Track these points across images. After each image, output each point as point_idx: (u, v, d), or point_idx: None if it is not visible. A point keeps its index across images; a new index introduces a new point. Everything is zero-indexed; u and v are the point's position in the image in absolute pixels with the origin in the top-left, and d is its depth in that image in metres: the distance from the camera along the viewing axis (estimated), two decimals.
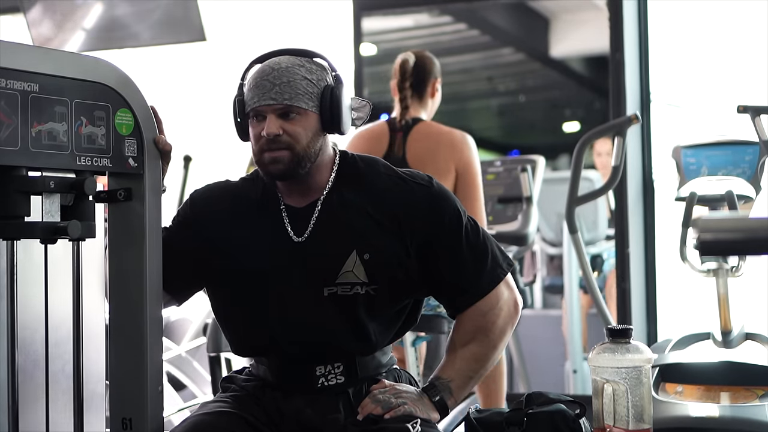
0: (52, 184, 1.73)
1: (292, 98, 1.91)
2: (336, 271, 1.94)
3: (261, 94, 1.92)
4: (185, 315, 4.67)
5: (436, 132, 3.29)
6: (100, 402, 2.05)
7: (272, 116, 1.92)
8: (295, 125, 1.92)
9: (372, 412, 1.93)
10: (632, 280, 4.03)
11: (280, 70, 1.93)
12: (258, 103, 1.93)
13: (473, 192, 3.23)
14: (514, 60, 8.04)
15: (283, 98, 1.91)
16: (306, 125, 1.93)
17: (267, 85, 1.92)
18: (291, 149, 1.92)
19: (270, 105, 1.92)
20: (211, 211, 2.04)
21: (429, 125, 3.32)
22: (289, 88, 1.91)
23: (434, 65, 3.37)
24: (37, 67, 1.68)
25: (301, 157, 1.93)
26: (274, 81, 1.92)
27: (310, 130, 1.94)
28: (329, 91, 1.95)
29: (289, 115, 1.92)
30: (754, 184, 2.84)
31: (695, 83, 4.30)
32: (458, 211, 2.01)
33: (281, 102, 1.91)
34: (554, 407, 1.96)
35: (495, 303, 2.01)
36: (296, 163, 1.93)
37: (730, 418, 2.53)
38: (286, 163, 1.92)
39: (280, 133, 1.91)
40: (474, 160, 3.25)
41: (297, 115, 1.92)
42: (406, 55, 3.36)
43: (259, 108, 1.93)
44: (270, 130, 1.91)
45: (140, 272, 1.85)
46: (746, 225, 1.34)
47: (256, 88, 1.93)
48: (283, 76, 1.92)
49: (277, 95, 1.91)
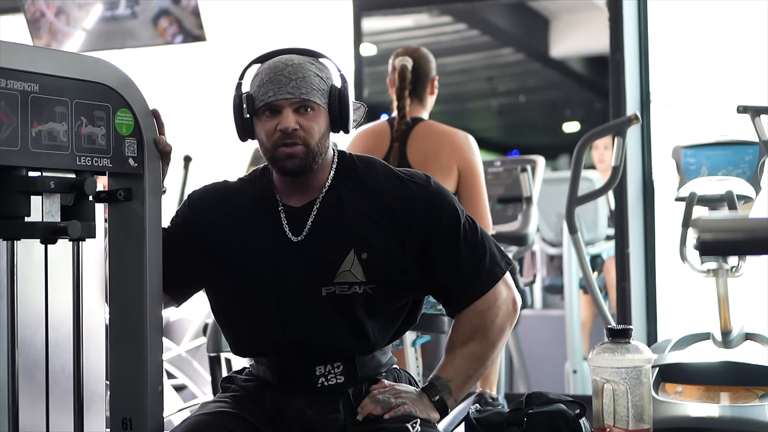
0: (52, 184, 1.73)
1: (308, 93, 1.93)
2: (334, 271, 1.95)
3: (277, 88, 1.92)
4: (185, 315, 4.67)
5: (438, 132, 3.28)
6: (100, 402, 2.05)
7: (288, 110, 1.93)
8: (309, 120, 1.94)
9: (372, 412, 1.93)
10: (632, 280, 4.03)
11: (294, 66, 1.94)
12: (274, 97, 1.93)
13: (476, 192, 3.23)
14: (514, 60, 8.04)
15: (300, 92, 1.92)
16: (319, 121, 1.95)
17: (283, 79, 1.92)
18: (306, 144, 1.93)
19: (287, 99, 1.92)
20: (209, 212, 2.04)
21: (430, 125, 3.31)
22: (305, 83, 1.93)
23: (430, 63, 3.36)
24: (37, 67, 1.68)
25: (315, 152, 1.95)
26: (290, 76, 1.92)
27: (323, 126, 1.96)
28: (337, 90, 1.96)
29: (305, 110, 1.93)
30: (754, 184, 2.84)
31: (695, 83, 4.30)
32: (456, 211, 2.01)
33: (298, 96, 1.92)
34: (554, 407, 1.96)
35: (493, 302, 2.01)
36: (311, 159, 1.94)
37: (730, 418, 2.52)
38: (302, 158, 1.93)
39: (297, 127, 1.92)
40: (476, 160, 3.25)
41: (311, 111, 1.94)
42: (404, 59, 3.31)
43: (275, 102, 1.93)
44: (288, 124, 1.92)
45: (140, 272, 1.85)
46: (746, 225, 1.33)
47: (270, 83, 1.93)
48: (298, 72, 1.93)
49: (294, 89, 1.92)
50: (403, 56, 3.33)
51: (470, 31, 7.24)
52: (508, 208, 3.93)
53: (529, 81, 8.76)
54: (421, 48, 3.40)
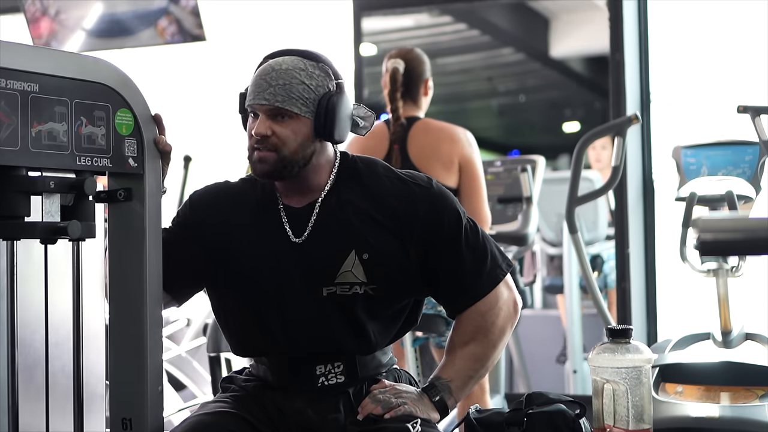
0: (52, 184, 1.72)
1: (284, 101, 1.90)
2: (335, 271, 1.94)
3: (256, 92, 1.92)
4: (185, 315, 4.67)
5: (436, 128, 3.30)
6: (100, 402, 2.05)
7: (263, 116, 1.92)
8: (284, 128, 1.92)
9: (372, 412, 1.93)
10: (632, 280, 4.03)
11: (279, 71, 1.93)
12: (252, 101, 1.93)
13: (476, 186, 3.24)
14: (514, 60, 8.04)
15: (275, 99, 1.91)
16: (296, 129, 1.92)
17: (263, 84, 1.92)
18: (277, 152, 1.92)
19: (262, 105, 1.92)
20: (210, 212, 2.04)
21: (427, 122, 3.32)
22: (283, 91, 1.91)
23: (423, 65, 3.35)
24: (37, 67, 1.68)
25: (288, 160, 1.92)
26: (270, 81, 1.91)
27: (301, 134, 1.93)
28: (327, 99, 1.93)
29: (281, 117, 1.92)
30: (754, 184, 2.84)
31: (695, 83, 4.30)
32: (458, 212, 2.01)
33: (272, 103, 1.91)
34: (554, 407, 1.96)
35: (494, 303, 2.01)
36: (282, 166, 1.93)
37: (730, 418, 2.52)
38: (272, 164, 1.92)
39: (268, 134, 1.91)
40: (475, 154, 3.27)
41: (288, 119, 1.92)
42: (395, 62, 3.31)
43: (253, 105, 1.94)
44: (258, 130, 1.92)
45: (140, 272, 1.85)
46: (746, 225, 1.33)
47: (253, 86, 1.94)
48: (280, 78, 1.91)
49: (270, 96, 1.91)
50: (395, 58, 3.33)
51: (470, 31, 7.25)
52: (508, 208, 3.93)
53: (529, 81, 8.76)
54: (414, 49, 3.40)
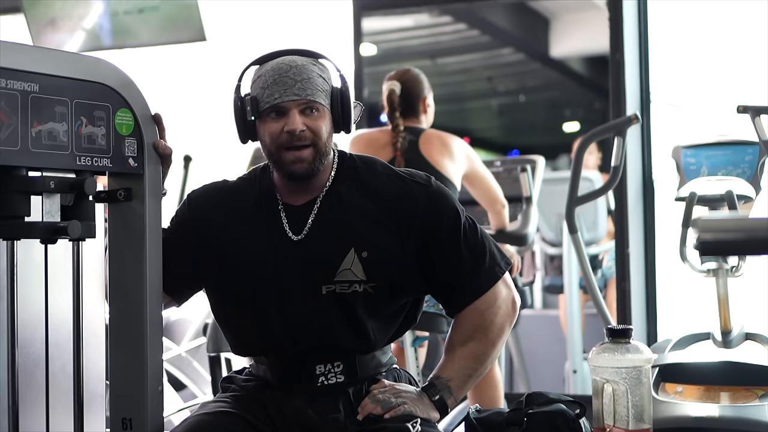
0: (52, 184, 1.72)
1: (314, 94, 1.93)
2: (334, 269, 1.95)
3: (283, 90, 1.92)
4: (185, 315, 4.67)
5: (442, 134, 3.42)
6: (100, 402, 2.05)
7: (295, 111, 1.93)
8: (316, 121, 1.94)
9: (372, 411, 1.93)
10: (632, 280, 4.02)
11: (298, 67, 1.94)
12: (281, 99, 1.93)
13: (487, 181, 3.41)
14: (514, 60, 8.04)
15: (306, 94, 1.92)
16: (325, 122, 1.96)
17: (288, 81, 1.93)
18: (314, 145, 1.94)
19: (294, 100, 1.92)
20: (208, 211, 2.04)
21: (433, 131, 3.44)
22: (310, 85, 1.93)
23: (420, 84, 3.43)
24: (37, 67, 1.68)
25: (322, 153, 1.96)
26: (295, 77, 1.93)
27: (328, 126, 1.97)
28: (338, 91, 1.97)
29: (311, 111, 1.94)
30: (754, 184, 2.84)
31: (695, 83, 4.30)
32: (457, 210, 2.01)
33: (305, 98, 1.92)
34: (554, 407, 1.96)
35: (493, 301, 2.01)
36: (318, 160, 1.96)
37: (730, 418, 2.52)
38: (310, 161, 1.94)
39: (304, 128, 1.93)
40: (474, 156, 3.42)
41: (317, 112, 1.94)
42: (392, 84, 3.39)
43: (282, 104, 1.93)
44: (296, 125, 1.92)
45: (140, 272, 1.85)
46: (746, 225, 1.33)
47: (275, 85, 1.93)
48: (302, 73, 1.93)
49: (300, 91, 1.92)
50: (391, 80, 3.40)
51: (470, 31, 7.25)
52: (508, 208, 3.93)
53: (529, 81, 8.76)
54: (411, 70, 3.46)
